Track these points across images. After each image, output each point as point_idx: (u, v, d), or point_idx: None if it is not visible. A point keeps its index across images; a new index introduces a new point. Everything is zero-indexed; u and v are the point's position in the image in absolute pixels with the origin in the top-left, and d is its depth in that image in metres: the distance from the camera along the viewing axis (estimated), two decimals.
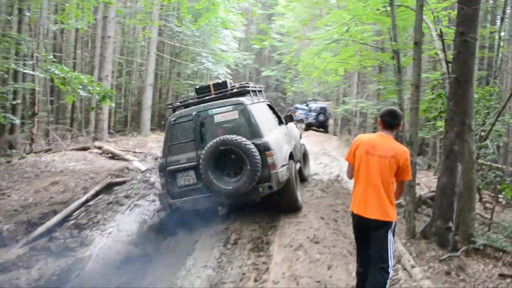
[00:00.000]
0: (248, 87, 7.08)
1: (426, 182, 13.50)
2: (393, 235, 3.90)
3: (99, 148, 12.46)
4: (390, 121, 3.93)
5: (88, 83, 9.73)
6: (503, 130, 10.15)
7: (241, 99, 6.60)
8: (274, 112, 8.10)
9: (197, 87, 7.66)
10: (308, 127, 29.84)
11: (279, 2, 34.53)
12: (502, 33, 15.88)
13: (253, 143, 5.99)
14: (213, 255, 5.39)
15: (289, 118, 8.54)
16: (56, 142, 13.91)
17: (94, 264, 5.38)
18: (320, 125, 29.75)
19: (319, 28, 14.87)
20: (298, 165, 8.19)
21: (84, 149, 12.41)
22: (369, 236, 3.89)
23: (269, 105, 7.95)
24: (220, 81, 7.54)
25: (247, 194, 6.09)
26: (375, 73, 18.42)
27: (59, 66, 9.97)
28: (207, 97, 6.98)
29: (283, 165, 6.46)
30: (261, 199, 6.57)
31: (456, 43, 6.33)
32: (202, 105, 6.70)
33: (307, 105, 32.69)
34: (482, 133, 8.73)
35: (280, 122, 8.14)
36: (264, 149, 6.07)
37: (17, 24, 14.82)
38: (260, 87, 8.11)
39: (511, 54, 14.65)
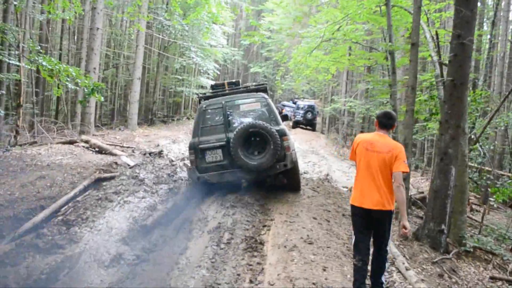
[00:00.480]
0: (265, 85, 8.86)
1: (414, 183, 13.62)
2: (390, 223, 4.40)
3: (86, 142, 12.22)
4: (385, 122, 4.47)
5: (77, 75, 9.52)
6: (493, 134, 10.26)
7: (262, 93, 8.17)
8: None
9: (213, 84, 9.35)
10: (296, 125, 29.84)
11: None
12: (488, 36, 16.07)
13: (275, 129, 7.34)
14: (207, 255, 5.29)
15: (285, 117, 9.26)
16: (42, 135, 13.61)
17: (84, 262, 5.24)
18: (307, 123, 29.73)
19: (309, 26, 14.81)
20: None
21: (71, 142, 12.15)
22: (373, 225, 4.36)
23: None
24: (233, 80, 9.27)
25: (267, 169, 7.38)
26: (365, 73, 18.49)
27: (47, 58, 9.73)
28: (227, 91, 8.64)
29: (293, 149, 7.78)
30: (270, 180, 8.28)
31: (453, 46, 6.31)
32: (229, 96, 8.19)
33: (294, 103, 32.67)
34: (473, 136, 8.79)
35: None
36: (282, 134, 7.41)
37: (2, 13, 14.44)
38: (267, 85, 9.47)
39: (499, 58, 14.80)
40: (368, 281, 4.50)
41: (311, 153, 17.60)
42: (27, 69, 14.11)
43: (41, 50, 10.80)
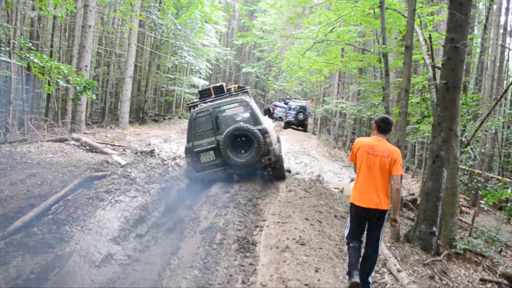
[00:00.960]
0: (245, 88, 10.20)
1: (405, 185, 13.70)
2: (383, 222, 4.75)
3: (77, 140, 12.12)
4: (384, 127, 4.77)
5: (69, 73, 9.44)
6: (484, 137, 10.34)
7: (243, 97, 9.25)
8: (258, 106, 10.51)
9: (200, 89, 10.59)
10: (287, 125, 29.88)
11: None
12: (480, 40, 16.20)
13: (256, 128, 8.50)
14: (199, 255, 5.26)
15: (267, 112, 11.37)
16: (32, 133, 13.47)
17: (74, 261, 5.18)
18: (299, 123, 29.81)
19: (302, 27, 14.82)
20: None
21: (61, 140, 12.04)
22: (369, 222, 4.74)
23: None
24: (218, 85, 10.31)
25: (254, 164, 8.67)
26: (358, 75, 18.54)
27: (38, 54, 9.64)
28: (212, 98, 9.82)
29: (275, 144, 9.01)
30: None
31: (446, 49, 6.34)
32: (215, 102, 9.33)
33: (286, 103, 32.70)
34: (464, 139, 8.86)
35: (264, 114, 10.49)
36: (264, 132, 8.60)
37: None
38: (248, 88, 10.70)
39: (490, 61, 14.93)
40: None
41: (302, 154, 17.61)
42: (17, 65, 13.94)
43: (32, 47, 10.69)
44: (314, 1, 16.33)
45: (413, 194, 10.93)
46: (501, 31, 15.29)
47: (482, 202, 8.68)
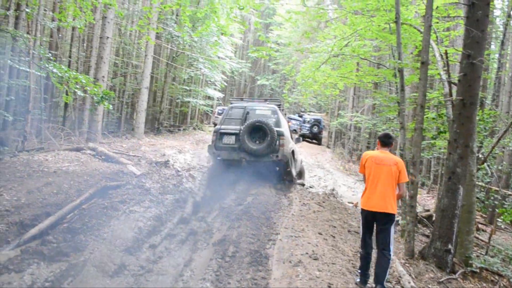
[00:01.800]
0: (279, 102, 11.81)
1: (420, 201, 13.53)
2: (393, 226, 5.27)
3: (93, 149, 12.26)
4: (386, 141, 5.50)
5: (87, 83, 9.61)
6: (501, 154, 10.20)
7: (274, 106, 10.78)
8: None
9: (242, 97, 13.00)
10: (302, 138, 29.85)
11: (277, 12, 34.66)
12: (497, 56, 16.05)
13: (275, 129, 9.76)
14: (211, 268, 5.26)
15: (298, 140, 13.14)
16: (49, 141, 13.68)
17: (88, 271, 5.21)
18: (313, 136, 29.79)
19: (317, 40, 14.86)
20: (299, 161, 12.30)
21: (78, 149, 12.19)
22: (377, 226, 5.24)
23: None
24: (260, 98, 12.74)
25: (262, 155, 9.72)
26: (373, 89, 18.47)
27: (57, 65, 9.84)
28: (250, 100, 12.10)
29: (289, 149, 10.13)
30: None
31: (463, 65, 6.32)
32: (252, 103, 11.03)
33: (300, 116, 32.70)
34: (480, 156, 8.75)
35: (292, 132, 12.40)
36: (280, 134, 9.82)
37: (14, 19, 14.61)
38: (282, 103, 12.68)
39: (508, 77, 14.78)
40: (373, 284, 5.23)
41: (316, 167, 17.56)
42: (36, 75, 14.22)
43: (51, 57, 10.90)
44: (329, 15, 16.40)
45: (428, 210, 10.80)
46: None
47: (499, 220, 8.54)
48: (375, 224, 5.27)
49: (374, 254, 5.46)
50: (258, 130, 9.89)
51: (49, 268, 5.23)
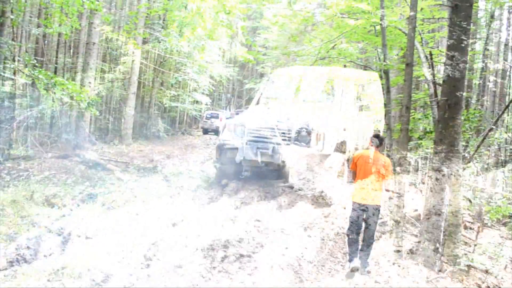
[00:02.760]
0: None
1: (408, 200, 13.56)
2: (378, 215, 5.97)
3: (80, 156, 12.17)
4: (376, 141, 6.00)
5: (73, 90, 9.55)
6: (488, 153, 10.33)
7: None
8: None
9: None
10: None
11: (264, 16, 34.72)
12: (481, 56, 16.26)
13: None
14: (200, 273, 5.24)
15: None
16: (35, 149, 13.53)
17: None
18: (301, 139, 29.82)
19: (304, 44, 14.91)
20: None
21: (64, 157, 12.10)
22: (366, 219, 5.80)
23: None
24: None
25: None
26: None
27: (43, 71, 9.77)
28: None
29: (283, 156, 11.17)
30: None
31: (447, 67, 6.39)
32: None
33: (288, 119, 32.72)
34: (466, 155, 8.84)
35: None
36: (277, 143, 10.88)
37: None
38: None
39: (492, 77, 15.00)
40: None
41: (305, 170, 17.56)
42: (22, 82, 14.08)
43: (37, 64, 10.82)
44: (316, 18, 16.47)
45: (416, 210, 10.86)
46: (502, 47, 15.38)
47: (485, 217, 8.63)
48: (364, 216, 5.79)
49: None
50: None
51: None
